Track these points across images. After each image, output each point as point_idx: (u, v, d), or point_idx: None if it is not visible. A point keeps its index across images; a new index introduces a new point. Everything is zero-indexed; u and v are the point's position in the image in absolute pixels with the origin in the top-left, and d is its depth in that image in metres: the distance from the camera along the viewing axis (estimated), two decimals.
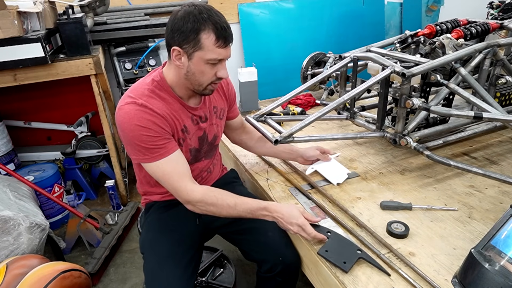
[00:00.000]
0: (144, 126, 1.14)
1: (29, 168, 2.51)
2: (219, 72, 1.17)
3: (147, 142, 1.15)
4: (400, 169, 1.60)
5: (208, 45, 1.10)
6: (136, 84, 1.24)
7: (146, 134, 1.14)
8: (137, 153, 1.18)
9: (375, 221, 1.27)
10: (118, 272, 2.10)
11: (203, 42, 1.10)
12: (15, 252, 1.75)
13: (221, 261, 1.99)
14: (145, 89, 1.20)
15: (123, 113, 1.15)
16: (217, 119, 1.41)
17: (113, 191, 2.51)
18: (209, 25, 1.08)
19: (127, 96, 1.19)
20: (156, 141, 1.16)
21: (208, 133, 1.37)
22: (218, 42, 1.10)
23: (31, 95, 2.82)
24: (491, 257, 0.86)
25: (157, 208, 1.43)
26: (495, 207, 1.32)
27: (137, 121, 1.14)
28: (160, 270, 1.24)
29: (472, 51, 1.54)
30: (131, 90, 1.21)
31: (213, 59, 1.13)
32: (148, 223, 1.43)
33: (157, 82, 1.22)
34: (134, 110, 1.15)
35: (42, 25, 2.16)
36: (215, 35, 1.09)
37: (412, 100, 1.42)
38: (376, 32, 3.61)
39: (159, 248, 1.31)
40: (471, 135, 1.70)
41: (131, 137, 1.15)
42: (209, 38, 1.09)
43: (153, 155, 1.17)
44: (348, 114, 1.80)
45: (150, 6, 3.02)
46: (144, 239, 1.39)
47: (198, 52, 1.12)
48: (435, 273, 1.04)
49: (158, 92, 1.21)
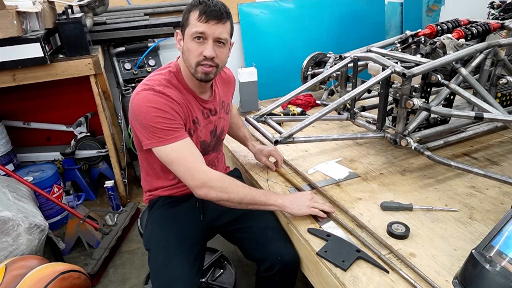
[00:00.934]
0: (160, 109, 1.17)
1: (28, 169, 2.51)
2: (205, 50, 1.18)
3: (163, 123, 1.17)
4: (401, 170, 1.59)
5: (192, 20, 1.16)
6: (153, 74, 1.28)
7: (162, 116, 1.17)
8: (150, 136, 1.19)
9: (376, 221, 1.27)
10: (118, 273, 2.10)
11: (190, 19, 1.17)
12: (14, 253, 1.74)
13: (221, 262, 1.98)
14: (162, 79, 1.24)
15: (140, 97, 1.19)
16: (224, 113, 1.45)
17: (113, 191, 2.50)
18: (199, 5, 1.15)
19: (144, 84, 1.22)
20: (171, 124, 1.19)
21: (217, 126, 1.41)
22: (200, 16, 1.15)
23: (30, 95, 2.81)
24: (492, 258, 0.86)
25: (161, 204, 1.43)
26: (496, 207, 1.32)
27: (155, 103, 1.17)
28: (167, 265, 1.26)
29: (473, 51, 1.54)
30: (148, 79, 1.25)
31: (194, 33, 1.16)
32: (152, 220, 1.43)
33: (173, 73, 1.27)
34: (152, 94, 1.18)
35: (41, 25, 2.16)
36: (198, 10, 1.15)
37: (412, 100, 1.42)
38: (376, 32, 3.61)
39: (165, 244, 1.32)
40: (472, 135, 1.70)
41: (147, 119, 1.17)
42: (194, 14, 1.16)
43: (167, 137, 1.18)
44: (348, 115, 1.80)
45: (149, 6, 3.02)
46: (149, 236, 1.39)
47: (186, 29, 1.19)
48: (436, 274, 1.04)
49: (174, 82, 1.26)
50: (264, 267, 1.32)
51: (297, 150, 1.80)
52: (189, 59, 1.21)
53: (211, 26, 1.16)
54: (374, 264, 1.09)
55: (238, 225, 1.41)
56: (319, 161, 1.69)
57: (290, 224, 1.33)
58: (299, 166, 1.64)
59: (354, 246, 1.16)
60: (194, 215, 1.40)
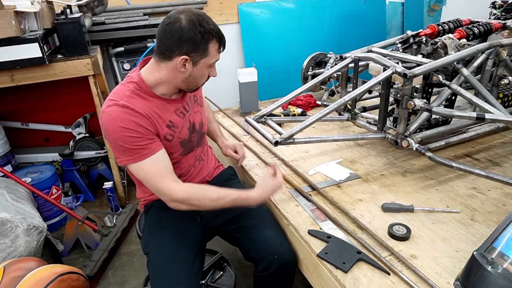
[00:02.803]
0: (127, 127, 1.17)
1: (26, 170, 2.50)
2: (212, 72, 1.29)
3: (131, 143, 1.18)
4: (402, 171, 1.59)
5: (212, 52, 1.22)
6: (116, 88, 1.28)
7: (129, 135, 1.17)
8: (121, 154, 1.21)
9: (377, 223, 1.27)
10: (117, 275, 2.09)
11: (210, 50, 1.21)
12: (12, 254, 1.73)
13: (221, 263, 1.97)
14: (125, 90, 1.23)
15: (106, 115, 1.19)
16: (198, 106, 1.45)
17: (112, 193, 2.49)
18: (215, 36, 1.20)
19: (109, 100, 1.22)
20: (139, 141, 1.19)
21: (194, 121, 1.41)
22: (220, 48, 1.24)
23: (28, 96, 2.80)
24: (494, 260, 0.85)
25: (156, 208, 1.44)
26: (498, 209, 1.31)
27: (120, 122, 1.17)
28: (167, 269, 1.27)
29: (475, 52, 1.54)
30: (112, 94, 1.24)
31: (213, 63, 1.25)
32: (149, 224, 1.44)
33: (136, 83, 1.25)
34: (116, 111, 1.18)
35: (39, 25, 2.15)
36: (218, 43, 1.22)
37: (413, 101, 1.42)
38: (377, 32, 3.59)
39: (163, 248, 1.33)
40: (473, 136, 1.70)
41: (115, 139, 1.18)
42: (214, 46, 1.21)
43: (136, 155, 1.20)
44: (349, 115, 1.80)
45: (149, 6, 3.01)
46: (147, 240, 1.41)
47: (204, 59, 1.21)
48: (437, 276, 1.04)
49: (138, 92, 1.24)
50: (262, 266, 1.32)
51: (297, 151, 1.80)
52: (199, 82, 1.28)
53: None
54: (375, 266, 1.09)
55: (235, 224, 1.41)
56: (320, 162, 1.69)
57: (290, 226, 1.33)
58: (300, 167, 1.64)
59: (354, 247, 1.16)
60: (191, 216, 1.39)
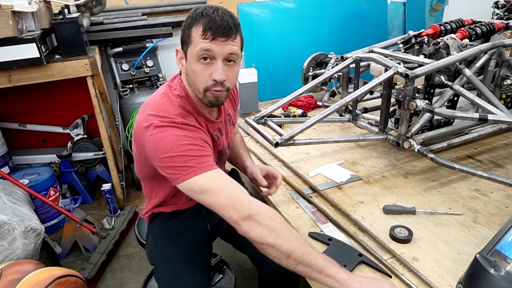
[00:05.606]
0: (190, 136, 1.01)
1: (24, 171, 2.49)
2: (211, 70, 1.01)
3: (195, 150, 1.00)
4: (404, 173, 1.58)
5: (195, 38, 0.99)
6: (160, 102, 1.07)
7: (193, 143, 1.00)
8: (180, 167, 0.99)
9: (378, 225, 1.26)
10: (115, 278, 2.08)
11: (192, 36, 0.99)
12: (9, 257, 1.73)
13: (220, 266, 1.96)
14: (177, 106, 1.06)
15: (161, 136, 0.99)
16: (230, 126, 1.33)
17: (110, 195, 2.49)
18: (202, 19, 0.98)
19: (160, 116, 1.02)
20: (203, 151, 1.02)
21: (225, 145, 1.29)
22: (205, 33, 0.97)
23: (26, 97, 2.80)
24: (497, 263, 0.85)
25: (163, 217, 1.35)
26: (501, 211, 1.31)
27: (183, 140, 0.99)
28: (177, 279, 1.22)
29: (477, 52, 1.53)
30: (160, 109, 1.04)
31: (199, 52, 0.99)
32: (154, 234, 1.35)
33: (183, 98, 1.08)
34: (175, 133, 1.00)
35: (37, 25, 2.14)
36: (202, 26, 0.97)
37: (415, 101, 1.42)
38: (378, 32, 3.59)
39: (172, 257, 1.26)
40: (476, 137, 1.69)
41: (174, 149, 0.98)
42: (197, 31, 0.98)
43: (201, 165, 0.99)
44: (350, 116, 1.80)
45: (147, 5, 3.00)
46: (152, 250, 1.32)
47: (189, 48, 1.01)
48: (439, 279, 1.03)
49: (188, 108, 1.08)
50: (268, 272, 1.30)
51: (298, 152, 1.79)
52: (196, 84, 1.04)
53: (220, 44, 0.98)
54: (377, 268, 1.09)
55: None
56: (320, 163, 1.68)
57: None
58: (300, 169, 1.63)
59: (356, 250, 1.16)
60: (199, 223, 1.33)
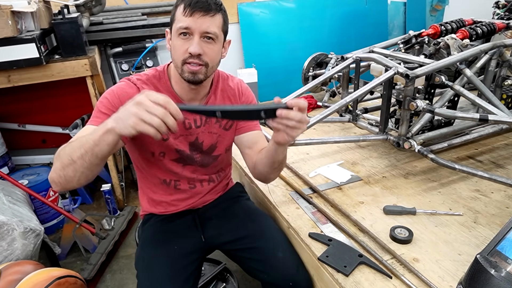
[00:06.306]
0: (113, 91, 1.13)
1: (23, 172, 2.48)
2: (190, 46, 1.06)
3: (101, 107, 1.11)
4: (404, 173, 1.58)
5: (178, 15, 1.07)
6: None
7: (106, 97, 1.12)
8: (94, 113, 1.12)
9: (378, 226, 1.26)
10: (115, 279, 2.07)
11: (176, 14, 1.08)
12: (9, 258, 1.72)
13: (224, 275, 1.88)
14: (143, 75, 1.19)
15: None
16: (220, 128, 1.25)
17: (110, 195, 2.47)
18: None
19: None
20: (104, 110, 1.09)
21: (203, 140, 1.24)
22: (185, 10, 1.04)
23: (25, 97, 2.78)
24: (497, 263, 0.85)
25: (155, 221, 1.33)
26: (501, 211, 1.31)
27: (115, 87, 1.14)
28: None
29: (478, 52, 1.53)
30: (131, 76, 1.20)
31: (179, 28, 1.05)
32: (144, 237, 1.33)
33: (159, 72, 1.19)
34: (118, 84, 1.15)
35: (36, 25, 2.13)
36: (184, 3, 1.05)
37: (416, 102, 1.42)
38: (379, 32, 3.59)
39: (153, 267, 1.20)
40: (476, 138, 1.69)
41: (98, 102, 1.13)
42: (180, 8, 1.06)
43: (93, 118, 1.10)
44: (350, 117, 1.80)
45: (147, 5, 3.00)
46: (138, 256, 1.28)
47: (173, 26, 1.10)
48: (440, 280, 1.03)
49: (154, 81, 1.18)
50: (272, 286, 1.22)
51: (298, 153, 1.79)
52: (175, 58, 1.10)
53: (197, 20, 1.04)
54: (377, 269, 1.09)
55: (243, 244, 1.27)
56: (321, 164, 1.68)
57: (290, 228, 1.32)
58: (300, 169, 1.63)
59: (356, 251, 1.16)
60: (192, 234, 1.30)
